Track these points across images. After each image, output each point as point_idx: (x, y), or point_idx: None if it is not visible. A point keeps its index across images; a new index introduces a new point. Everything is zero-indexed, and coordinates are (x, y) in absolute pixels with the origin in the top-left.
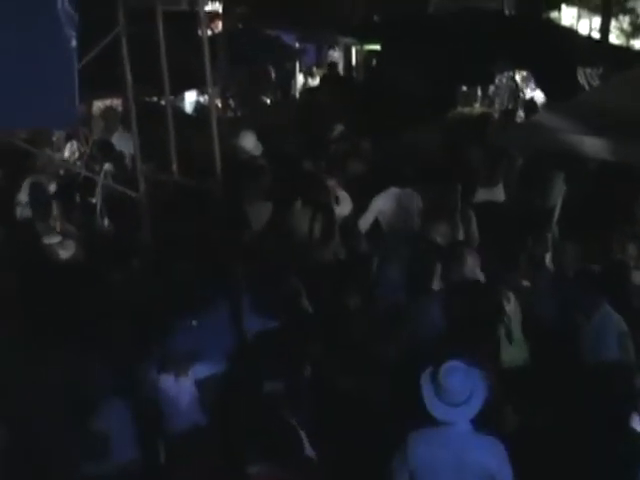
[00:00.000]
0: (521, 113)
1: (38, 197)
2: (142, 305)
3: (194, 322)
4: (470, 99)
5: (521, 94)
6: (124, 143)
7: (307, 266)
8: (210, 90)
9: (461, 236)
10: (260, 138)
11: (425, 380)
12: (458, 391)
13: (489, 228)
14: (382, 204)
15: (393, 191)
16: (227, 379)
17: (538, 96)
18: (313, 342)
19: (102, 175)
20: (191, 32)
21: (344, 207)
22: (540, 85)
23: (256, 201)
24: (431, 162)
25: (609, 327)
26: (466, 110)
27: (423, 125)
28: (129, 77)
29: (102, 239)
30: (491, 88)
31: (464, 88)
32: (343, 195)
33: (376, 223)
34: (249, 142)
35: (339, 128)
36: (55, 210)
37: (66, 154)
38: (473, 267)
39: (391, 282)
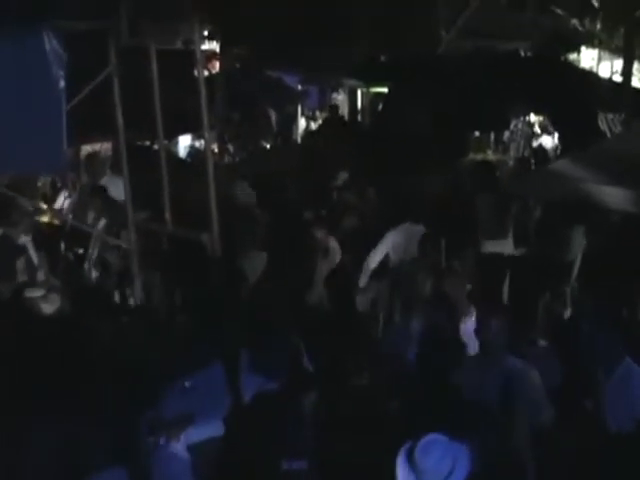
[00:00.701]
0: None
1: (3, 253)
2: (132, 365)
3: (187, 383)
4: (483, 145)
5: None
6: (112, 190)
7: (306, 321)
8: (206, 134)
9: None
10: (259, 186)
11: (401, 458)
12: (434, 471)
13: (496, 282)
14: (394, 239)
15: (405, 226)
16: (223, 444)
17: (546, 142)
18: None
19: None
20: (186, 72)
21: (332, 259)
22: (558, 131)
23: (251, 252)
24: (435, 209)
25: (633, 381)
26: (478, 157)
27: (432, 172)
28: (120, 120)
29: (90, 293)
30: (506, 134)
31: (476, 134)
32: (333, 246)
33: (384, 261)
34: (241, 190)
35: (343, 176)
36: (36, 262)
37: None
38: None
39: (399, 337)
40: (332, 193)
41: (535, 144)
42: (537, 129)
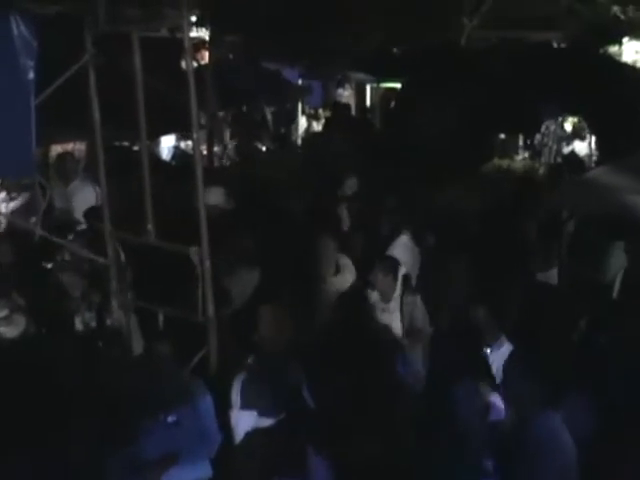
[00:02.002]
0: None
1: None
2: (107, 396)
3: (170, 417)
4: (509, 149)
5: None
6: (82, 196)
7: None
8: (195, 134)
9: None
10: (252, 194)
11: None
12: None
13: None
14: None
15: (404, 240)
16: None
17: (579, 148)
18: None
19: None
20: (173, 63)
21: (344, 277)
22: (596, 134)
23: (239, 269)
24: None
25: None
26: (504, 163)
27: (455, 181)
28: (97, 117)
29: (60, 314)
30: (537, 137)
31: (502, 136)
32: (345, 263)
33: None
34: (216, 198)
35: (352, 183)
36: None
37: None
38: None
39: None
40: (340, 203)
41: (566, 150)
42: (570, 132)
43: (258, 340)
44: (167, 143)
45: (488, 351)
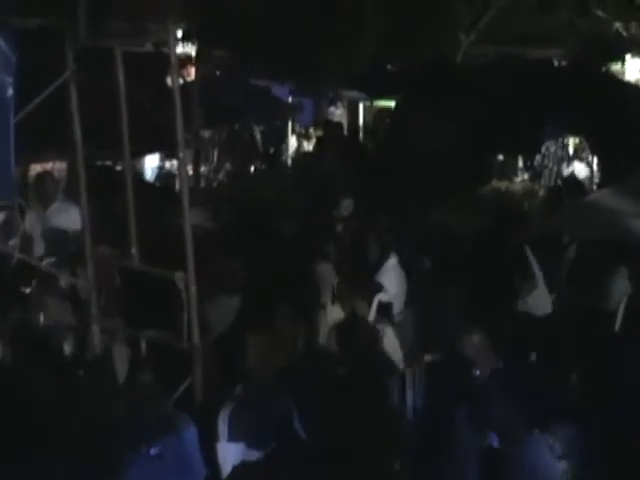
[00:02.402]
0: None
1: None
2: (87, 428)
3: (153, 450)
4: (508, 170)
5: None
6: (64, 217)
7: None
8: (181, 153)
9: None
10: (240, 214)
11: None
12: None
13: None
14: (388, 284)
15: (392, 264)
16: None
17: (579, 169)
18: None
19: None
20: (158, 79)
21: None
22: (598, 155)
23: (218, 296)
24: (463, 252)
25: None
26: (502, 185)
27: (451, 203)
28: (79, 135)
29: (37, 341)
30: (537, 158)
31: (500, 157)
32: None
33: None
34: (200, 219)
35: (348, 203)
36: None
37: None
38: None
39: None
40: (335, 224)
41: (566, 172)
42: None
43: (246, 369)
44: (151, 163)
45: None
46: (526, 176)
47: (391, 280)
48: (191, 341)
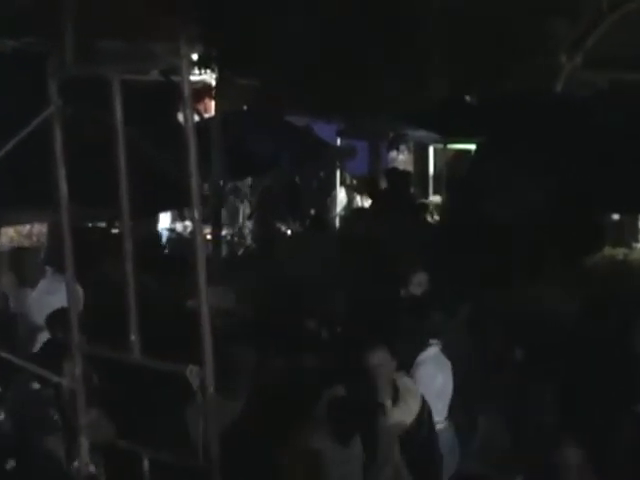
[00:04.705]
0: None
1: None
2: None
3: None
4: (626, 234)
5: None
6: (57, 298)
7: None
8: (196, 213)
9: None
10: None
11: None
12: None
13: None
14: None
15: (434, 352)
16: None
17: None
18: None
19: None
20: (167, 116)
21: (405, 409)
22: None
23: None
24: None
25: None
26: (619, 252)
27: (551, 276)
28: (64, 189)
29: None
30: None
31: (615, 216)
32: (406, 386)
33: None
34: (221, 299)
35: (420, 278)
36: None
37: None
38: None
39: None
40: (404, 305)
41: None
42: None
43: None
44: (161, 224)
45: None
46: None
47: (433, 374)
48: (209, 458)
